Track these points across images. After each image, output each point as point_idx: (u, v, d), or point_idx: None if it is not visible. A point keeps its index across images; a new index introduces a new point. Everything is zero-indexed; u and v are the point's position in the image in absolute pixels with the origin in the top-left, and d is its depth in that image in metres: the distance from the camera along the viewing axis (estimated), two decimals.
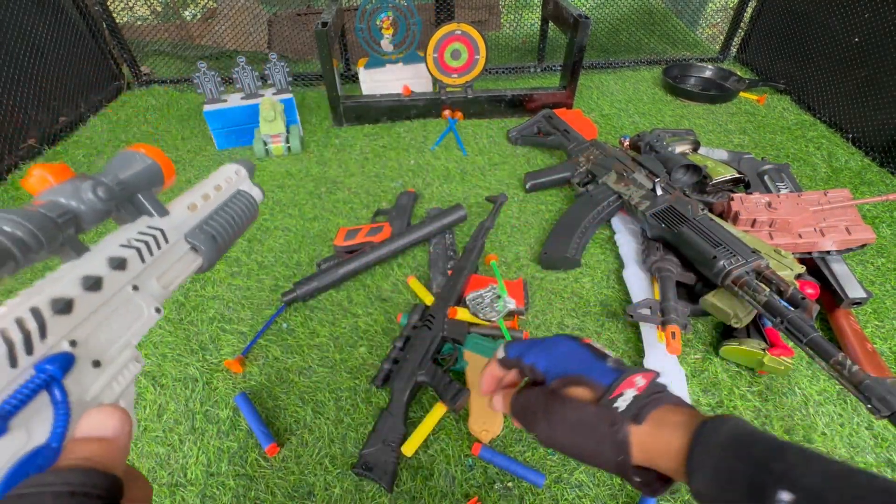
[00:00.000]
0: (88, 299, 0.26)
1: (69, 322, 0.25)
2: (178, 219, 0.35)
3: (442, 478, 0.57)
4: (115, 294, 0.28)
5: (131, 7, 1.56)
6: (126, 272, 0.29)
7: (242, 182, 0.43)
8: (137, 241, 0.31)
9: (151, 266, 0.32)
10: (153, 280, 0.32)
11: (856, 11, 1.15)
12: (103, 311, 0.27)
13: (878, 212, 0.95)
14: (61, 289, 0.25)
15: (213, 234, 0.36)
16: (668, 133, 1.04)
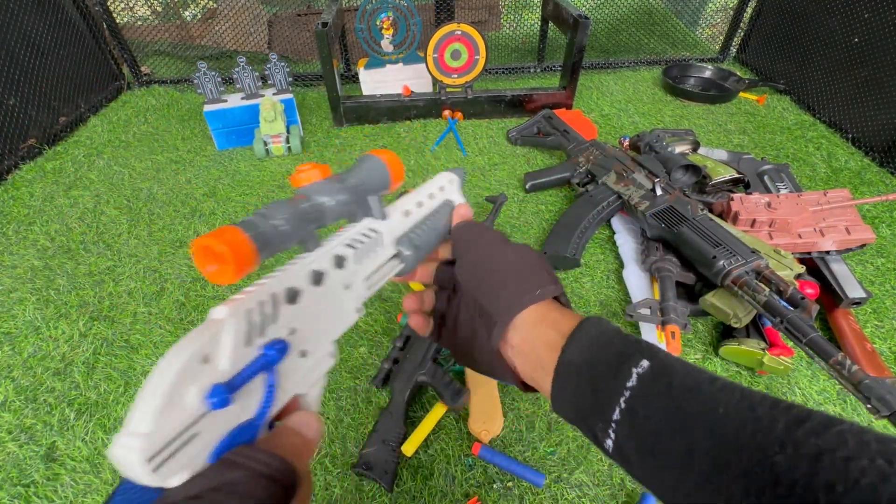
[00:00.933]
0: (312, 292, 0.28)
1: (294, 311, 0.27)
2: (394, 223, 0.36)
3: (442, 477, 0.57)
4: (331, 290, 0.30)
5: (131, 7, 1.56)
6: (344, 270, 0.31)
7: (453, 192, 0.44)
8: (359, 242, 0.32)
9: (364, 267, 0.33)
10: (361, 280, 0.33)
11: (856, 11, 1.15)
12: (319, 305, 0.29)
13: (877, 212, 0.95)
14: (295, 279, 0.27)
15: (417, 242, 0.37)
16: (668, 133, 1.04)
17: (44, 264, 0.87)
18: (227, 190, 1.04)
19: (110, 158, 1.16)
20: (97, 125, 1.29)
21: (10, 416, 0.64)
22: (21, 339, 0.74)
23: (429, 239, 0.38)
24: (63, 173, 1.11)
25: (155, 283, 0.83)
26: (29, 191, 1.05)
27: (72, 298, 0.80)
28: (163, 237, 0.92)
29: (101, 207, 1.00)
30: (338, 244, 0.31)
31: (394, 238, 0.36)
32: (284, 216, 0.28)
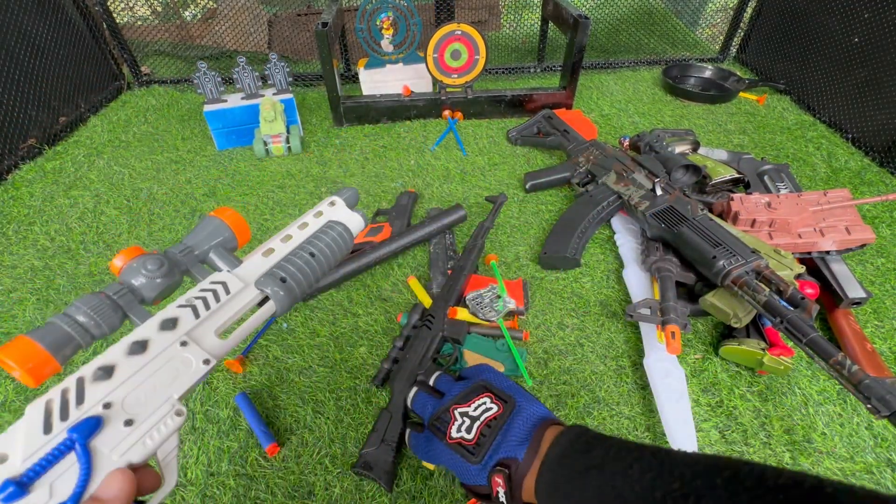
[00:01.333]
0: (130, 363, 0.29)
1: (108, 386, 0.28)
2: (250, 267, 0.36)
3: (442, 477, 0.57)
4: (159, 353, 0.30)
5: (131, 7, 1.56)
6: (176, 330, 0.31)
7: (337, 212, 0.44)
8: (196, 298, 0.33)
9: (208, 320, 0.33)
10: (209, 333, 0.33)
11: (855, 11, 1.15)
12: (145, 371, 0.29)
13: (877, 212, 0.95)
14: (107, 357, 0.29)
15: (283, 276, 0.36)
16: (668, 133, 1.04)
17: (44, 264, 0.87)
18: (227, 190, 1.04)
19: (110, 158, 1.16)
20: (97, 125, 1.29)
21: (9, 416, 0.64)
22: None
23: (303, 268, 0.38)
24: (63, 173, 1.11)
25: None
26: (29, 191, 1.05)
27: (72, 298, 0.80)
28: (163, 237, 0.92)
29: (101, 207, 1.00)
30: (169, 307, 0.32)
31: (252, 281, 0.36)
32: (88, 311, 0.29)
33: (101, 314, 0.29)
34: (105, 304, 0.30)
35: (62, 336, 0.28)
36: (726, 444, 0.60)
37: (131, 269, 0.31)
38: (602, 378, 0.67)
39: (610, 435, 0.36)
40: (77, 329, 0.29)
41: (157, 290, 0.32)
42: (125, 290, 0.31)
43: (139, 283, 0.31)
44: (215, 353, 0.33)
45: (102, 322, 0.29)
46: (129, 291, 0.31)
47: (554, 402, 0.64)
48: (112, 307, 0.30)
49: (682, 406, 0.60)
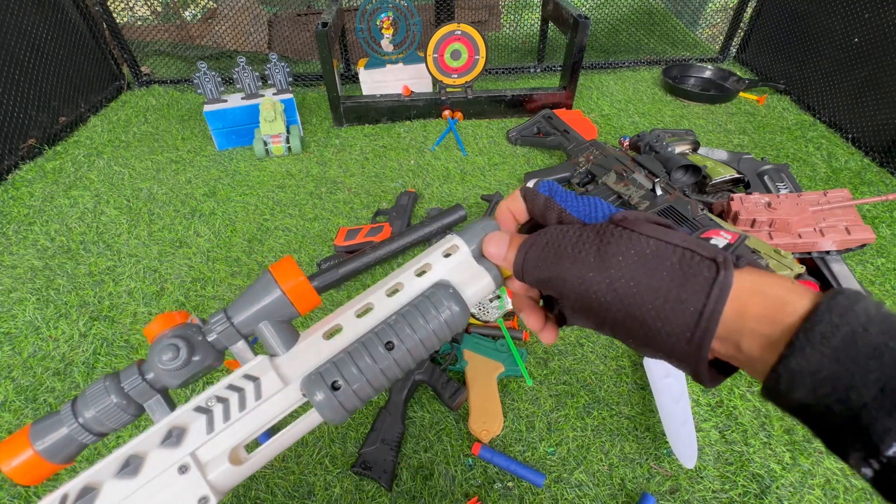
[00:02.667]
0: (116, 488, 0.24)
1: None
2: (302, 355, 0.27)
3: (442, 477, 0.57)
4: (152, 479, 0.24)
5: (131, 7, 1.56)
6: (179, 448, 0.25)
7: (454, 269, 0.29)
8: (217, 400, 0.26)
9: (224, 434, 0.25)
10: (222, 455, 0.25)
11: (855, 12, 1.15)
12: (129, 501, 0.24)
13: (877, 212, 0.95)
14: (95, 474, 0.24)
15: (336, 379, 0.26)
16: (668, 133, 1.04)
17: (44, 264, 0.87)
18: (227, 190, 1.04)
19: (110, 158, 1.16)
20: (97, 125, 1.29)
21: (10, 416, 0.64)
22: (21, 339, 0.74)
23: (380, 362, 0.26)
24: (63, 173, 1.11)
25: (155, 283, 0.83)
26: (29, 191, 1.05)
27: (72, 298, 0.80)
28: (163, 237, 0.92)
29: (101, 207, 1.00)
30: (182, 410, 0.26)
31: (298, 378, 0.27)
32: (94, 409, 0.25)
33: (108, 414, 0.25)
34: (113, 404, 0.25)
35: (64, 441, 0.24)
36: (726, 444, 0.60)
37: (151, 357, 0.25)
38: (602, 378, 0.67)
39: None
40: (80, 431, 0.25)
41: (179, 379, 0.25)
42: (140, 380, 0.25)
43: (158, 373, 0.25)
44: (220, 488, 0.25)
45: (110, 421, 0.25)
46: (145, 382, 0.25)
47: (554, 402, 0.64)
48: (123, 405, 0.25)
49: (682, 406, 0.60)
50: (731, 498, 0.55)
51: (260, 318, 0.27)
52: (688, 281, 0.21)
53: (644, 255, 0.22)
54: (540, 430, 0.61)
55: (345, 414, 0.26)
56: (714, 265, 0.21)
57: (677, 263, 0.21)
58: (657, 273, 0.21)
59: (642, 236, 0.23)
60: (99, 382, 0.25)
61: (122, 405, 0.25)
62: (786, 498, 0.55)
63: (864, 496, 0.55)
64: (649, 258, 0.22)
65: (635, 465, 0.58)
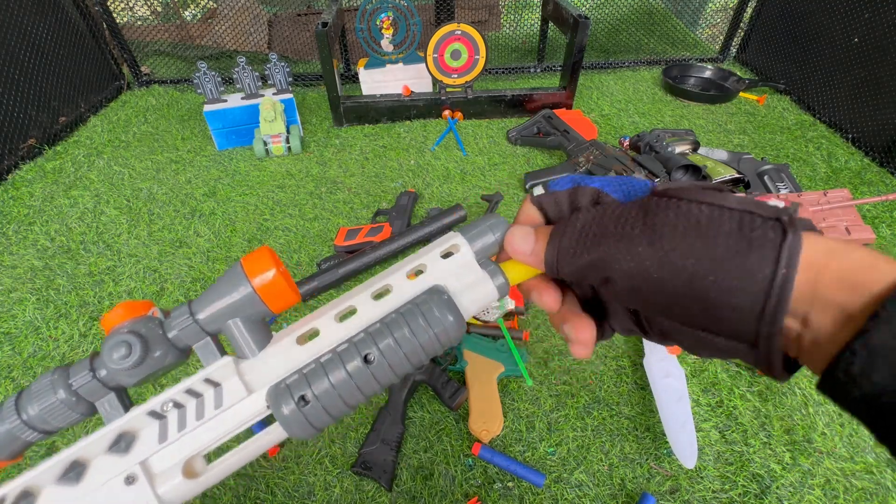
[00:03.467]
0: (56, 495, 0.21)
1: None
2: (271, 360, 0.24)
3: (442, 477, 0.57)
4: (96, 488, 0.22)
5: (131, 7, 1.56)
6: (127, 456, 0.22)
7: (454, 271, 0.25)
8: (172, 406, 0.24)
9: (178, 445, 0.23)
10: (174, 468, 0.23)
11: (855, 11, 1.15)
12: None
13: (877, 212, 0.95)
14: (35, 477, 0.22)
15: (304, 393, 0.23)
16: (668, 133, 1.04)
17: (44, 264, 0.87)
18: (227, 190, 1.04)
19: (110, 158, 1.16)
20: (97, 125, 1.29)
21: None
22: (21, 339, 0.74)
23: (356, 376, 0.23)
24: (63, 173, 1.11)
25: (155, 283, 0.83)
26: (29, 191, 1.05)
27: (72, 298, 0.80)
28: (163, 237, 0.92)
29: (101, 207, 1.00)
30: (133, 414, 0.23)
31: (265, 387, 0.24)
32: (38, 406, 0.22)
33: (54, 412, 0.22)
34: (59, 401, 0.22)
35: (3, 435, 0.22)
36: (726, 444, 0.60)
37: (103, 352, 0.23)
38: (602, 378, 0.67)
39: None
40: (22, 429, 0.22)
41: (133, 378, 0.23)
42: (90, 377, 0.23)
43: (108, 372, 0.23)
44: (171, 502, 0.23)
45: (56, 420, 0.22)
46: (97, 380, 0.23)
47: (554, 402, 0.64)
48: (72, 402, 0.22)
49: (682, 406, 0.60)
50: (731, 498, 0.55)
51: (227, 315, 0.24)
52: (751, 246, 0.18)
53: (697, 222, 0.19)
54: (540, 431, 0.61)
55: (312, 431, 0.23)
56: (779, 225, 0.18)
57: (736, 228, 0.18)
58: (715, 241, 0.18)
59: (692, 203, 0.20)
60: (47, 376, 0.23)
61: (69, 403, 0.22)
62: (786, 498, 0.55)
63: (864, 496, 0.55)
64: (704, 225, 0.19)
65: (635, 466, 0.58)
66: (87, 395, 0.23)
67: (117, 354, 0.22)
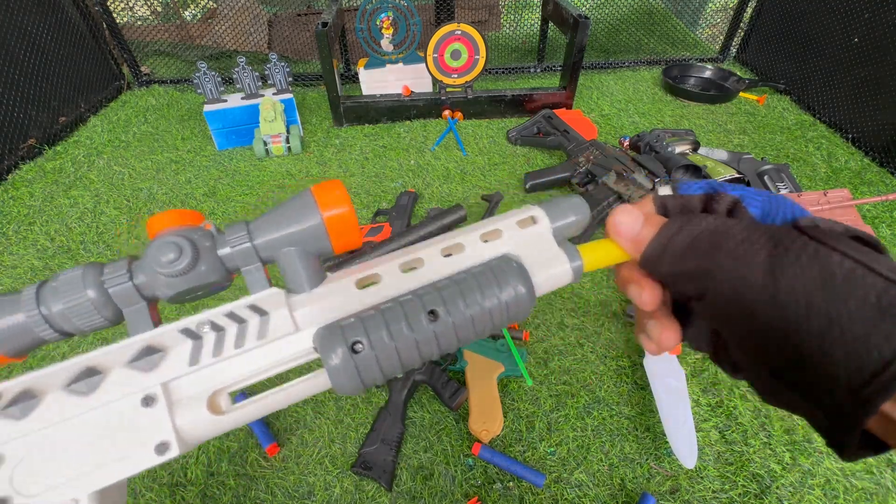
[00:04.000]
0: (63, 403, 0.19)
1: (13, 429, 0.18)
2: (324, 301, 0.22)
3: (442, 478, 0.57)
4: (109, 403, 0.19)
5: (131, 7, 1.56)
6: (151, 373, 0.20)
7: (530, 242, 0.24)
8: (209, 328, 0.21)
9: (208, 372, 0.21)
10: (199, 397, 0.20)
11: (855, 11, 1.15)
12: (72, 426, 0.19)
13: (877, 212, 0.95)
14: (39, 379, 0.19)
15: (359, 339, 0.20)
16: (668, 133, 1.04)
17: (43, 264, 0.87)
18: (227, 190, 1.04)
19: (110, 158, 1.16)
20: (97, 125, 1.29)
21: None
22: None
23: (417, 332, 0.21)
24: (63, 173, 1.11)
25: None
26: (29, 191, 1.05)
27: None
28: None
29: (101, 207, 1.00)
30: (166, 329, 0.21)
31: (314, 328, 0.22)
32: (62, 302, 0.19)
33: (78, 311, 0.20)
34: (87, 300, 0.20)
35: (14, 328, 0.20)
36: (726, 444, 0.60)
37: (147, 254, 0.20)
38: (602, 378, 0.67)
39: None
40: (39, 323, 0.20)
41: (174, 289, 0.21)
42: (126, 280, 0.20)
43: (150, 277, 0.20)
44: (188, 437, 0.20)
45: (78, 320, 0.20)
46: (133, 284, 0.20)
47: (554, 402, 0.64)
48: (101, 302, 0.20)
49: (682, 406, 0.60)
50: (731, 498, 0.55)
51: (286, 243, 0.22)
52: (884, 321, 0.16)
53: (831, 275, 0.17)
54: (540, 431, 0.61)
55: (359, 385, 0.21)
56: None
57: (875, 297, 0.16)
58: (845, 302, 0.17)
59: (835, 252, 0.18)
60: (76, 270, 0.20)
61: (97, 304, 0.20)
62: (786, 498, 0.55)
63: (864, 496, 0.55)
64: (839, 281, 0.17)
65: (635, 466, 0.58)
66: (119, 299, 0.20)
67: (166, 257, 0.20)
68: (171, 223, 0.21)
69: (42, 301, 0.20)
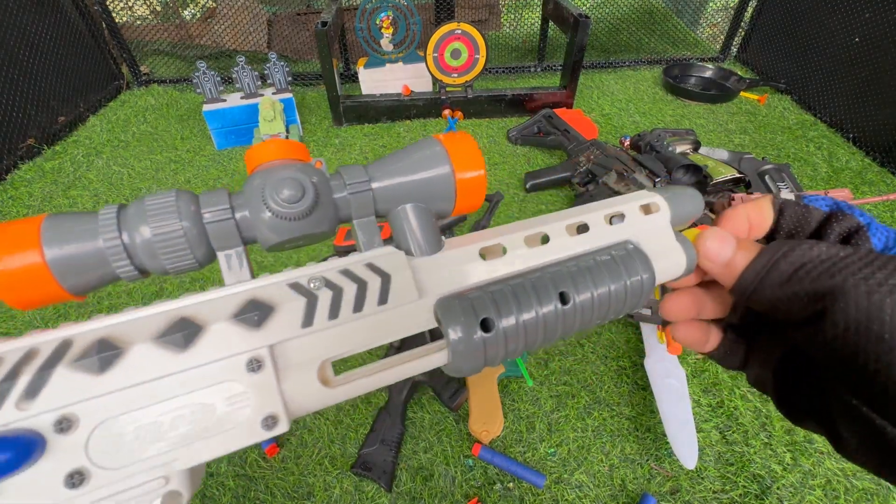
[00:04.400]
0: (151, 359, 0.15)
1: (89, 386, 0.15)
2: (446, 269, 0.20)
3: (442, 478, 0.57)
4: (209, 363, 0.16)
5: (130, 7, 1.55)
6: (260, 332, 0.17)
7: (651, 228, 0.23)
8: (324, 285, 0.18)
9: (324, 335, 0.18)
10: (311, 364, 0.18)
11: (856, 11, 1.15)
12: (163, 387, 0.16)
13: (878, 212, 0.95)
14: (123, 329, 0.16)
15: (490, 316, 0.19)
16: (669, 133, 1.04)
17: None
18: None
19: (109, 158, 1.15)
20: (96, 125, 1.29)
21: None
22: None
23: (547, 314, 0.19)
24: (62, 173, 1.10)
25: (154, 283, 0.82)
26: (28, 191, 1.05)
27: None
28: None
29: (100, 207, 1.00)
30: (275, 279, 0.18)
31: (435, 297, 0.19)
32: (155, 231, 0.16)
33: (168, 244, 0.16)
34: (181, 231, 0.16)
35: (86, 256, 0.16)
36: (727, 445, 0.60)
37: (256, 185, 0.18)
38: (602, 378, 0.67)
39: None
40: (118, 253, 0.16)
41: (281, 235, 0.18)
42: (228, 214, 0.17)
43: (257, 215, 0.18)
44: (295, 409, 0.17)
45: (165, 256, 0.17)
46: (235, 221, 0.17)
47: (554, 403, 0.64)
48: (195, 237, 0.17)
49: (682, 406, 0.60)
50: (732, 499, 0.55)
51: (408, 195, 0.19)
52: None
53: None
54: (540, 431, 0.61)
55: (481, 365, 0.19)
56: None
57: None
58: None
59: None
60: (168, 195, 0.17)
61: (191, 237, 0.17)
62: (786, 499, 0.55)
63: (865, 497, 0.55)
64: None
65: (636, 466, 0.58)
66: (216, 236, 0.17)
67: (284, 195, 0.17)
68: (278, 155, 0.19)
69: (125, 226, 0.16)
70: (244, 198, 0.18)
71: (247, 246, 0.19)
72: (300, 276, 0.18)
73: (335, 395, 0.18)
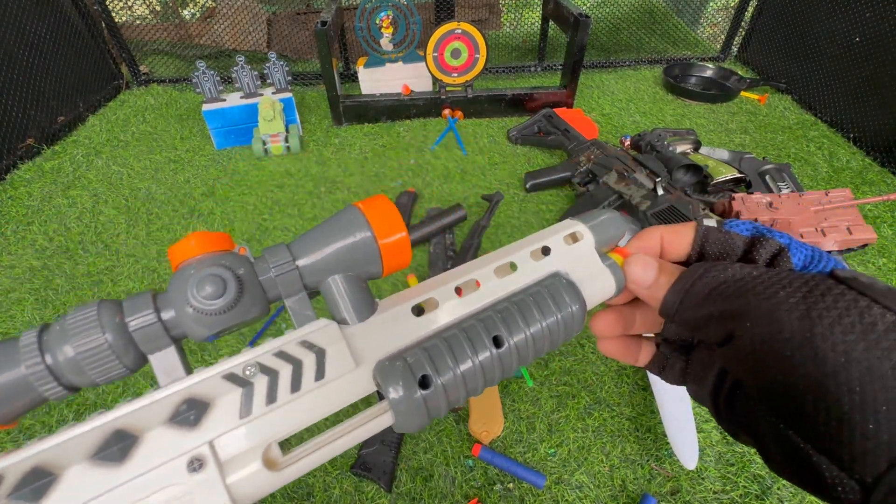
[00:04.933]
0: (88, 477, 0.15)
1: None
2: (380, 333, 0.20)
3: (442, 479, 0.57)
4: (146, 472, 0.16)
5: (130, 6, 1.55)
6: (194, 431, 0.16)
7: (576, 258, 0.24)
8: (259, 370, 0.18)
9: (262, 422, 0.17)
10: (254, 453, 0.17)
11: (857, 10, 1.14)
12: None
13: (879, 212, 0.95)
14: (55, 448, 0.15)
15: (427, 373, 0.19)
16: (669, 132, 1.04)
17: (42, 264, 0.86)
18: (226, 189, 1.04)
19: (109, 158, 1.15)
20: (96, 125, 1.29)
21: None
22: None
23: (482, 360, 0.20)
24: (61, 173, 1.10)
25: (153, 283, 0.82)
26: (27, 190, 1.05)
27: (70, 298, 0.79)
28: (161, 237, 0.92)
29: (100, 207, 1.00)
30: (206, 375, 0.18)
31: (372, 363, 0.20)
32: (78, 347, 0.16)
33: (94, 359, 0.16)
34: (105, 344, 0.16)
35: (10, 384, 0.16)
36: (727, 445, 0.59)
37: (176, 287, 0.18)
38: (603, 379, 0.67)
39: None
40: (43, 376, 0.16)
41: (211, 329, 0.18)
42: (154, 318, 0.17)
43: (182, 314, 0.18)
44: (243, 500, 0.17)
45: (93, 371, 0.16)
46: (162, 323, 0.17)
47: (555, 403, 0.64)
48: (121, 346, 0.17)
49: (683, 407, 0.60)
50: (733, 499, 0.55)
51: (335, 266, 0.19)
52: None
53: (872, 324, 0.16)
54: (540, 432, 0.61)
55: (425, 421, 0.19)
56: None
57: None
58: (888, 353, 0.16)
59: (875, 305, 0.17)
60: (89, 308, 0.16)
61: (117, 348, 0.16)
62: (786, 499, 0.55)
63: None
64: (880, 331, 0.16)
65: (636, 467, 0.58)
66: (143, 341, 0.17)
67: (206, 292, 0.17)
68: (200, 250, 0.18)
69: (47, 348, 0.16)
70: (169, 298, 0.18)
71: (180, 341, 0.19)
72: (235, 365, 0.18)
73: (283, 477, 0.18)
